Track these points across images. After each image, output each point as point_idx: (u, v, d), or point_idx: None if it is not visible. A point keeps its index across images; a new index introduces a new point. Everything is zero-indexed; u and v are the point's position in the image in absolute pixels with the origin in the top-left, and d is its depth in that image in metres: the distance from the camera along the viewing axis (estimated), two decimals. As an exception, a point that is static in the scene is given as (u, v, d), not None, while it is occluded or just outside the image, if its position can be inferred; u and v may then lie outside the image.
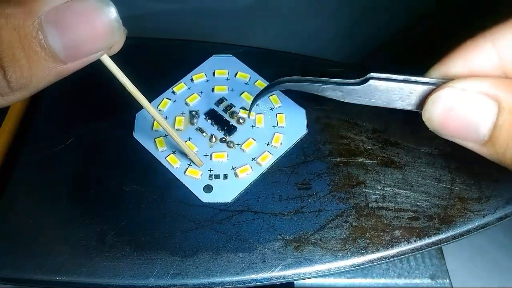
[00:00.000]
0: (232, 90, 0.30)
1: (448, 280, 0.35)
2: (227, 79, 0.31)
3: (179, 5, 0.37)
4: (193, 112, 0.29)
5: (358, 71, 0.32)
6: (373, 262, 0.24)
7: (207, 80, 0.31)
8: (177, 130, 0.28)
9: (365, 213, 0.25)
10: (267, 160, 0.27)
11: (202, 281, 0.23)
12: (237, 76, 0.31)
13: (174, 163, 0.27)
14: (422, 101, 0.21)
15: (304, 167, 0.27)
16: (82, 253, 0.24)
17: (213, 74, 0.31)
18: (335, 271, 0.24)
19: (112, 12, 0.16)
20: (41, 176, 0.27)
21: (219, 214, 0.25)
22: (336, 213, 0.25)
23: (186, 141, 0.28)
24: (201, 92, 0.30)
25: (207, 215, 0.25)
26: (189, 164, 0.27)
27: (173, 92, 0.30)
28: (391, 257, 0.24)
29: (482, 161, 0.28)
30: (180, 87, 0.30)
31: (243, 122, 0.29)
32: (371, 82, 0.21)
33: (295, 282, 0.35)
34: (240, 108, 0.30)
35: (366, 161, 0.28)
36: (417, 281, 0.35)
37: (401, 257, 0.25)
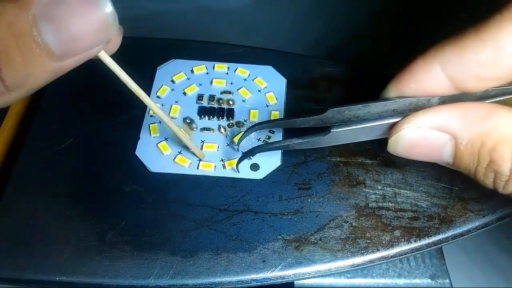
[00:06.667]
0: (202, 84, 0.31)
1: (448, 280, 0.35)
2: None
3: (179, 5, 0.37)
4: (187, 120, 0.29)
5: (360, 72, 0.32)
6: (373, 262, 0.24)
7: (172, 89, 0.31)
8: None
9: (365, 213, 0.25)
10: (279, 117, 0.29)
11: (202, 281, 0.23)
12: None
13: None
14: (385, 132, 0.23)
15: (304, 167, 0.27)
16: (82, 253, 0.24)
17: (172, 81, 0.31)
18: (335, 271, 0.24)
19: (107, 6, 0.16)
20: (41, 176, 0.27)
21: (219, 214, 0.25)
22: (336, 213, 0.25)
23: (201, 145, 0.28)
24: (176, 102, 0.30)
25: (207, 215, 0.25)
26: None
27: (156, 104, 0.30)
28: (391, 257, 0.24)
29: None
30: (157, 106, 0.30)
31: (233, 104, 0.30)
32: (332, 132, 0.23)
33: (295, 282, 0.35)
34: (222, 93, 0.30)
35: (366, 161, 0.28)
36: (417, 281, 0.35)
37: (401, 257, 0.25)
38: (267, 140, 0.28)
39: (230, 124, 0.29)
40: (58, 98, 0.30)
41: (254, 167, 0.27)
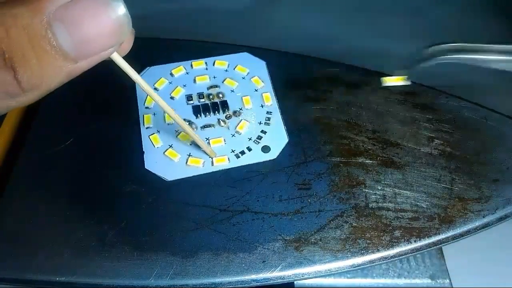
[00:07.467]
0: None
1: (448, 280, 0.35)
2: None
3: (179, 5, 0.37)
4: (186, 122, 0.29)
5: (358, 72, 0.32)
6: (373, 262, 0.24)
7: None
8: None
9: (365, 213, 0.25)
10: (271, 101, 0.30)
11: (202, 281, 0.23)
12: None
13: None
14: None
15: (304, 167, 0.27)
16: (82, 253, 0.24)
17: (156, 89, 0.31)
18: (335, 271, 0.24)
19: (121, 8, 0.16)
20: (41, 176, 0.27)
21: (219, 214, 0.25)
22: (336, 213, 0.25)
23: (207, 142, 0.28)
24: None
25: (207, 215, 0.25)
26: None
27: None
28: (391, 257, 0.24)
29: (482, 161, 0.28)
30: (148, 118, 0.29)
31: (223, 96, 0.30)
32: None
33: (295, 282, 0.35)
34: (209, 88, 0.31)
35: (366, 161, 0.28)
36: (417, 281, 0.35)
37: (401, 257, 0.25)
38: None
39: (228, 116, 0.29)
40: (58, 98, 0.30)
41: (265, 149, 0.28)
